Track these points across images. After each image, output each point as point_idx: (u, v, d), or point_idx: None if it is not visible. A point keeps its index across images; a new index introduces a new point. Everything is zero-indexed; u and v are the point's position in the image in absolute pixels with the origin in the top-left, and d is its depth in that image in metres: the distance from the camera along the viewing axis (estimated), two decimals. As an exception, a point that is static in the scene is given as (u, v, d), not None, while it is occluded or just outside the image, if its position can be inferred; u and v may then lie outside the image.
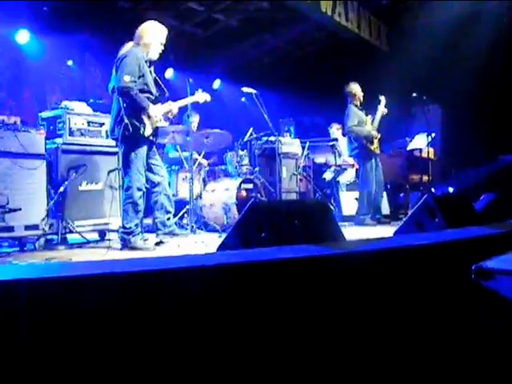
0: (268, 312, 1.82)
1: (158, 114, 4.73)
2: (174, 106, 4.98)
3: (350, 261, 2.10)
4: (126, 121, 4.52)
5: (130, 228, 4.65)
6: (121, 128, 4.56)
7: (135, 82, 4.57)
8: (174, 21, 9.91)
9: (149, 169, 4.84)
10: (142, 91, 4.66)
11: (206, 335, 1.69)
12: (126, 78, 4.51)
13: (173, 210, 5.06)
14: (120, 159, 4.77)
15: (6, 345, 1.44)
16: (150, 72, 4.83)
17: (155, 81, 4.91)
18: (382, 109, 7.34)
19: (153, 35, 4.81)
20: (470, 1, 9.73)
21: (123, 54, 4.68)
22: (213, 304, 1.73)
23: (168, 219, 4.93)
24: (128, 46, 4.77)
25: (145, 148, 4.71)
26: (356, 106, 7.26)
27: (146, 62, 4.74)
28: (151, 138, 4.76)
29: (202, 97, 5.47)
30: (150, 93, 4.76)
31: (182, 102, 5.22)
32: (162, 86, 4.98)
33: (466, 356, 2.11)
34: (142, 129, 4.60)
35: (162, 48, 4.90)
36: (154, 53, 4.83)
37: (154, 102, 4.76)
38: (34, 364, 1.47)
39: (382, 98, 7.37)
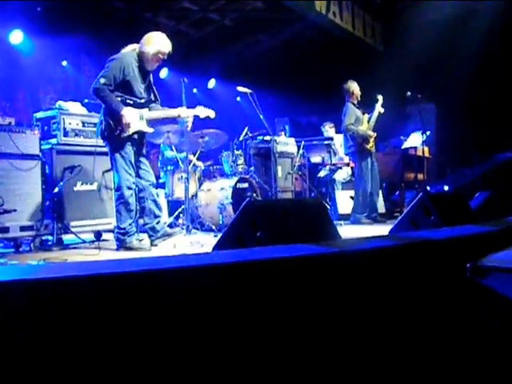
0: (264, 312, 1.82)
1: (131, 119, 4.62)
2: (153, 114, 4.90)
3: (346, 259, 2.10)
4: (102, 118, 4.56)
5: (125, 228, 4.64)
6: (102, 127, 4.58)
7: (110, 85, 4.53)
8: (169, 21, 9.91)
9: (135, 173, 4.82)
10: (123, 95, 4.62)
11: (202, 335, 1.69)
12: (101, 80, 4.51)
13: (162, 214, 5.02)
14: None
15: (3, 344, 1.44)
16: (144, 78, 4.79)
17: (149, 87, 4.88)
18: (378, 108, 7.35)
19: (154, 47, 4.74)
20: (465, 0, 9.76)
21: (113, 57, 4.68)
22: (209, 304, 1.72)
23: (157, 223, 4.89)
24: (127, 49, 4.76)
25: (130, 147, 4.67)
26: (353, 104, 7.27)
27: (138, 67, 4.70)
28: (135, 137, 4.72)
29: (203, 112, 5.29)
30: (136, 97, 4.72)
31: (172, 112, 5.12)
32: (156, 93, 4.95)
33: (464, 354, 2.12)
34: (120, 129, 4.58)
35: (160, 62, 4.85)
36: (149, 64, 4.77)
37: (142, 107, 4.73)
38: (30, 366, 1.46)
39: (380, 97, 7.38)
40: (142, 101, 4.76)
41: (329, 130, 9.05)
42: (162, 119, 5.07)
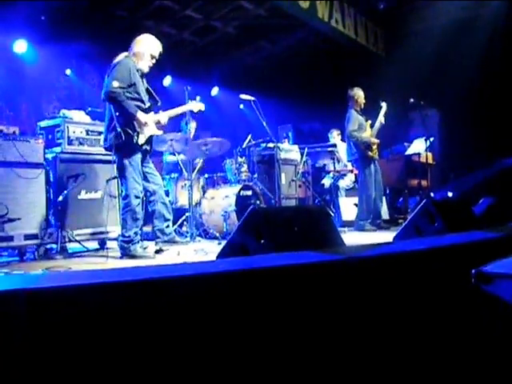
0: (269, 319, 1.82)
1: (147, 120, 4.71)
2: (163, 117, 4.95)
3: (350, 266, 2.10)
4: (119, 129, 4.54)
5: (130, 236, 4.64)
6: (113, 136, 4.57)
7: (123, 88, 4.57)
8: (172, 29, 9.95)
9: (144, 178, 4.83)
10: (133, 99, 4.66)
11: (207, 343, 1.69)
12: (115, 84, 4.52)
13: (171, 217, 5.04)
14: (116, 168, 4.77)
15: (5, 355, 1.44)
16: (142, 82, 4.84)
17: (148, 90, 4.92)
18: (382, 115, 7.35)
19: (144, 46, 4.84)
20: (467, 6, 9.78)
21: (115, 63, 4.72)
22: (213, 312, 1.72)
23: (167, 227, 4.92)
24: (121, 56, 4.81)
25: (139, 156, 4.71)
26: (356, 111, 7.28)
27: (137, 71, 4.76)
28: (145, 146, 4.76)
29: (196, 106, 5.44)
30: (142, 101, 4.76)
31: (172, 112, 5.18)
32: (155, 95, 4.99)
33: (467, 360, 2.11)
34: (136, 137, 4.60)
35: (154, 61, 4.90)
36: (144, 64, 4.83)
37: (147, 111, 4.76)
38: (35, 374, 1.46)
39: (384, 105, 7.38)
40: (148, 104, 4.81)
41: (336, 136, 9.06)
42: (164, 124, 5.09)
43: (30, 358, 1.47)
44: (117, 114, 4.57)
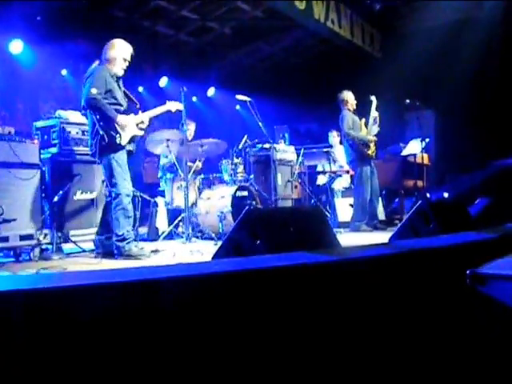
0: (264, 320, 1.82)
1: (127, 122, 4.74)
2: (144, 117, 4.97)
3: (346, 267, 2.11)
4: (101, 132, 4.58)
5: (123, 234, 4.65)
6: (97, 140, 4.60)
7: (101, 94, 4.62)
8: (169, 29, 9.94)
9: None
10: (111, 104, 4.71)
11: (202, 344, 1.69)
12: (93, 91, 4.58)
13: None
14: (103, 171, 4.77)
15: (2, 354, 1.44)
16: (119, 86, 4.87)
17: (125, 94, 4.95)
18: (373, 110, 7.35)
19: (116, 51, 4.88)
20: (463, 7, 9.81)
21: (89, 72, 4.79)
22: (209, 312, 1.72)
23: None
24: (93, 65, 4.88)
25: (124, 155, 4.74)
26: (350, 110, 7.30)
27: (112, 76, 4.79)
28: (128, 146, 4.78)
29: (173, 106, 5.46)
30: (120, 105, 4.79)
31: (152, 112, 5.19)
32: (133, 98, 5.01)
33: (463, 359, 2.11)
34: (118, 138, 4.63)
35: (127, 64, 4.92)
36: (118, 68, 4.87)
37: (126, 114, 4.78)
38: (32, 373, 1.46)
39: (373, 98, 7.37)
40: (124, 109, 4.82)
41: (335, 136, 9.04)
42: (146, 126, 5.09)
43: (27, 358, 1.46)
44: (98, 117, 4.62)
